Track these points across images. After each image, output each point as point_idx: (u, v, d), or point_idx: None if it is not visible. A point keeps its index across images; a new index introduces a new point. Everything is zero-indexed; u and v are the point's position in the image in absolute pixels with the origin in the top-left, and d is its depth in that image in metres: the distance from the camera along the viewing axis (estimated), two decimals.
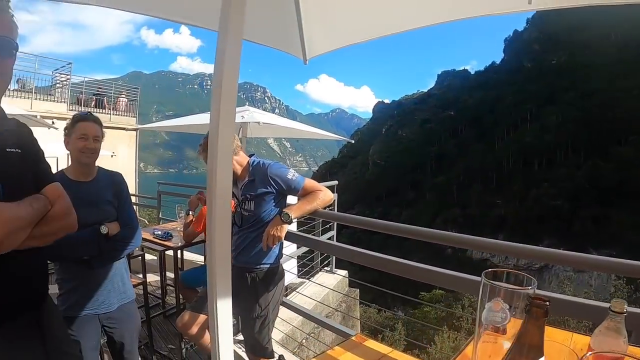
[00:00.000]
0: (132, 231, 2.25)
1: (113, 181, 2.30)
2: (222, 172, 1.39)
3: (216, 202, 1.40)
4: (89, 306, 2.14)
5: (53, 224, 1.34)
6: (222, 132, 1.35)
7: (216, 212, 1.41)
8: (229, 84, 1.34)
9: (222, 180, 1.39)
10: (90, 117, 2.21)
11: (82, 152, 2.13)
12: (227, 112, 1.36)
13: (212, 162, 1.38)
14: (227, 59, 1.33)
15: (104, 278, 2.19)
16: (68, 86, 17.95)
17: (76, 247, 2.00)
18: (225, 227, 1.43)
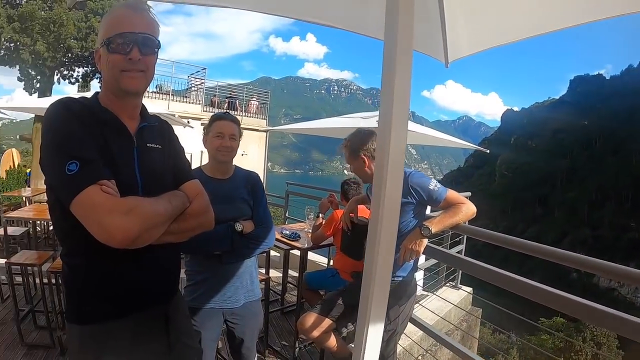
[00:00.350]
0: (266, 230, 2.28)
1: (249, 180, 2.35)
2: (392, 186, 1.31)
3: (383, 214, 1.32)
4: (215, 300, 2.21)
5: (191, 221, 1.38)
6: (393, 143, 1.28)
7: (382, 225, 1.33)
8: (401, 94, 1.28)
9: (391, 196, 1.32)
10: (228, 117, 2.28)
11: (218, 150, 2.20)
12: (399, 121, 1.28)
13: (380, 173, 1.32)
14: (399, 68, 1.27)
15: (233, 274, 2.25)
16: (202, 89, 19.78)
17: (210, 242, 2.06)
18: (390, 241, 1.37)
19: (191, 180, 1.51)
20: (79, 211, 1.13)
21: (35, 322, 3.95)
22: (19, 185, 12.21)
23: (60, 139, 1.19)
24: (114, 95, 1.35)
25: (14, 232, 5.73)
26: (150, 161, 1.40)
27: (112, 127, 1.32)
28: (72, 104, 1.27)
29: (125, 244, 1.13)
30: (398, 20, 1.23)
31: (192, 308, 2.15)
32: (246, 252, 2.25)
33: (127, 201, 1.17)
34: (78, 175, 1.12)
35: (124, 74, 1.29)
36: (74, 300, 1.35)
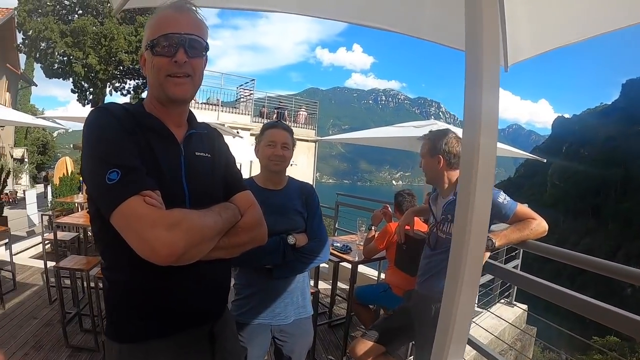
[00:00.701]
0: (320, 244, 2.19)
1: (303, 191, 2.28)
2: (480, 206, 1.17)
3: (470, 237, 1.20)
4: (264, 316, 2.14)
5: (242, 236, 1.30)
6: (482, 158, 1.13)
7: (469, 250, 1.21)
8: (489, 114, 1.14)
9: (479, 221, 1.17)
10: (280, 125, 2.23)
11: (270, 160, 2.15)
12: (488, 134, 1.14)
13: (466, 193, 1.19)
14: (486, 81, 1.14)
15: (284, 290, 2.17)
16: (251, 100, 20.16)
17: (260, 255, 1.99)
18: (476, 265, 1.25)
19: (243, 192, 1.44)
20: (119, 224, 1.07)
21: (81, 325, 4.09)
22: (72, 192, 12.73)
23: (100, 145, 1.13)
24: (159, 102, 1.30)
25: (64, 236, 5.95)
26: (199, 171, 1.34)
27: (158, 134, 1.26)
28: (114, 109, 1.22)
29: (170, 261, 1.05)
30: (482, 30, 1.12)
31: (239, 323, 2.08)
32: (298, 267, 2.15)
33: (172, 214, 1.09)
34: (119, 184, 1.06)
35: (170, 79, 1.23)
36: (113, 316, 1.29)
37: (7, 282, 5.19)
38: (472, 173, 1.09)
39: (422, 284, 2.55)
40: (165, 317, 1.25)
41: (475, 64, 1.11)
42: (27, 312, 4.51)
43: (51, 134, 42.05)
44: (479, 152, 1.08)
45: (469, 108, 1.13)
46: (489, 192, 1.15)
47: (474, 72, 1.11)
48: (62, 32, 19.40)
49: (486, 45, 1.11)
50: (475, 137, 1.08)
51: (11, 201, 16.44)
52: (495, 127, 1.12)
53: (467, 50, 1.15)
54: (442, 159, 2.46)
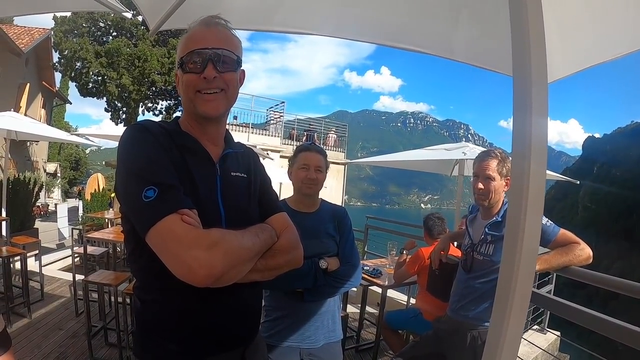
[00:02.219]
0: (352, 269, 2.16)
1: (335, 215, 2.27)
2: (530, 234, 1.08)
3: (519, 268, 1.07)
4: (293, 339, 2.12)
5: (278, 258, 1.26)
6: (532, 185, 1.07)
7: (517, 282, 1.07)
8: (539, 140, 1.08)
9: (529, 243, 1.07)
10: (313, 148, 2.23)
11: (303, 183, 2.15)
12: (538, 160, 1.08)
13: (515, 221, 1.09)
14: (535, 106, 1.08)
15: (315, 313, 2.14)
16: (281, 122, 20.40)
17: (292, 279, 1.90)
18: (525, 295, 1.09)
19: (279, 213, 1.42)
20: (155, 243, 1.05)
21: (106, 339, 4.14)
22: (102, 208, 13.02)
23: (137, 162, 1.12)
24: (193, 120, 1.30)
25: (94, 251, 6.06)
26: (235, 191, 1.32)
27: (194, 153, 1.25)
28: (151, 126, 1.22)
29: (208, 283, 1.02)
30: (530, 53, 1.08)
31: (267, 345, 2.04)
32: (330, 291, 2.13)
33: (211, 233, 1.06)
34: (156, 202, 1.04)
35: (199, 95, 1.22)
36: (143, 337, 1.27)
37: (35, 293, 5.30)
38: (522, 200, 1.03)
39: (457, 310, 2.49)
40: (197, 341, 1.23)
41: (524, 88, 1.08)
42: (53, 323, 4.59)
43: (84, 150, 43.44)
44: (529, 179, 1.03)
45: (518, 133, 1.08)
46: (539, 220, 1.10)
47: (522, 97, 1.08)
48: (96, 53, 20.19)
49: (535, 69, 1.07)
50: (526, 163, 1.03)
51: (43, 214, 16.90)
52: (545, 153, 1.09)
53: (514, 74, 1.09)
54: (508, 182, 2.37)
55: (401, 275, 3.79)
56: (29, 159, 19.51)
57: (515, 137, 1.10)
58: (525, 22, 1.07)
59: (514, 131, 1.12)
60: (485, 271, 2.37)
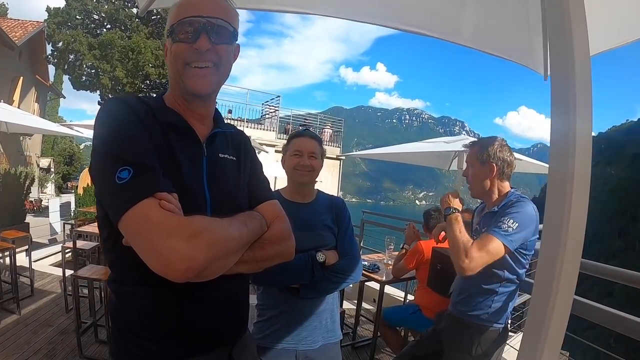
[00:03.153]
0: (352, 263, 2.01)
1: (333, 206, 2.13)
2: (574, 240, 0.97)
3: (560, 279, 0.93)
4: (289, 340, 1.95)
5: (268, 249, 1.15)
6: (576, 189, 0.93)
7: (558, 295, 0.93)
8: (583, 140, 0.91)
9: (572, 253, 0.96)
10: (306, 133, 2.10)
11: (296, 170, 2.01)
12: (583, 162, 0.93)
13: (556, 212, 0.96)
14: (579, 102, 0.90)
15: (312, 312, 1.99)
16: (277, 116, 20.36)
17: (286, 273, 1.85)
18: (564, 313, 0.96)
19: (270, 201, 1.30)
20: (129, 231, 0.93)
21: (96, 335, 4.03)
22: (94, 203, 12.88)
23: (111, 139, 1.00)
24: (180, 96, 1.18)
25: (84, 245, 5.92)
26: (222, 175, 1.21)
27: (178, 131, 1.13)
28: (130, 101, 1.10)
29: (188, 277, 0.90)
30: (573, 41, 0.90)
31: (261, 347, 1.92)
32: (328, 287, 1.97)
33: (193, 221, 0.94)
34: (130, 184, 0.92)
35: (189, 69, 1.11)
36: (119, 336, 1.15)
37: (25, 288, 5.20)
38: (565, 210, 0.90)
39: (455, 305, 2.40)
40: (178, 340, 1.11)
41: (566, 81, 0.91)
42: (43, 319, 4.48)
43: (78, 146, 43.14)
44: (572, 183, 0.90)
45: (557, 133, 0.94)
46: (583, 225, 0.96)
47: (565, 91, 0.91)
48: (90, 45, 19.96)
49: (578, 58, 0.89)
50: (569, 165, 0.90)
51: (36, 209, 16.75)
52: (589, 156, 0.92)
53: (552, 64, 0.96)
54: (495, 167, 2.26)
55: (399, 270, 3.71)
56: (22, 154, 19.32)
57: (554, 137, 0.95)
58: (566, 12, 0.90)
59: (552, 128, 0.96)
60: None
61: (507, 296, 2.23)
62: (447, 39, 2.16)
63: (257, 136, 17.77)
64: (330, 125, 22.54)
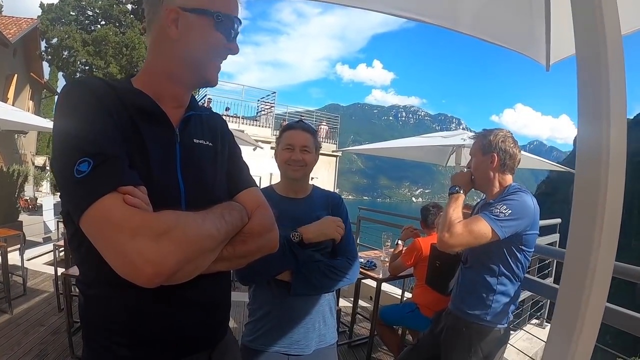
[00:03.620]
0: (349, 263, 1.91)
1: (329, 201, 2.03)
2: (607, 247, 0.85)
3: (592, 290, 0.82)
4: (281, 343, 1.84)
5: (250, 243, 1.05)
6: (611, 178, 0.80)
7: (589, 304, 0.82)
8: (617, 148, 0.79)
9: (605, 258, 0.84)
10: (299, 125, 1.98)
11: (287, 164, 1.91)
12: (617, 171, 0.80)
13: (582, 210, 0.86)
14: (613, 105, 0.77)
15: (305, 312, 1.87)
16: (272, 113, 20.31)
17: (267, 264, 1.61)
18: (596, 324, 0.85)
19: (250, 188, 1.19)
20: (90, 231, 0.83)
21: None
22: None
23: (69, 128, 0.88)
24: (165, 77, 1.06)
25: None
26: (198, 162, 1.10)
27: (147, 115, 1.01)
28: (92, 83, 0.97)
29: (157, 282, 0.82)
30: (606, 33, 0.78)
31: (251, 350, 1.84)
32: (322, 283, 1.84)
33: (160, 218, 0.85)
34: (90, 178, 0.82)
35: (214, 63, 1.08)
36: (89, 341, 1.04)
37: (18, 287, 5.13)
38: (597, 224, 0.80)
39: (455, 303, 2.36)
40: (154, 345, 1.02)
41: (597, 83, 0.78)
42: (35, 318, 4.41)
43: None
44: (605, 193, 0.79)
45: (586, 141, 0.83)
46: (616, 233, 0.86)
47: (595, 90, 0.79)
48: (84, 41, 19.84)
49: (610, 47, 0.77)
50: (602, 175, 0.79)
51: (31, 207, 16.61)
52: (623, 164, 0.81)
53: (578, 55, 0.83)
54: (497, 157, 2.22)
55: (397, 267, 3.65)
56: (16, 152, 19.18)
57: (581, 145, 0.84)
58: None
59: (579, 132, 0.84)
60: (473, 258, 2.25)
61: (507, 297, 2.16)
62: (447, 27, 2.09)
63: (253, 133, 17.74)
64: (327, 122, 22.48)
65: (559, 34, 1.92)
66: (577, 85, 0.81)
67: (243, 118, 19.30)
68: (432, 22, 2.04)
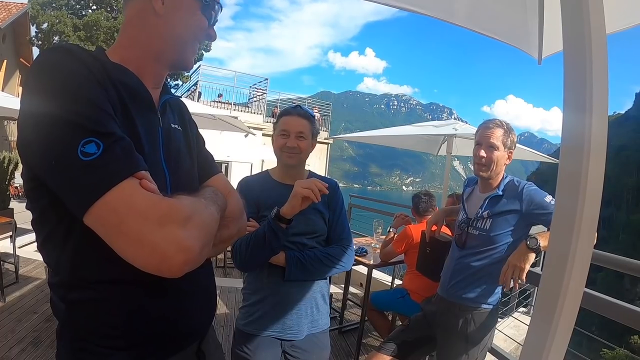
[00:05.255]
0: (343, 249, 1.92)
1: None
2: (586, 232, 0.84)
3: (571, 277, 0.83)
4: (274, 328, 1.87)
5: (232, 227, 1.04)
6: (592, 168, 0.85)
7: (568, 292, 0.84)
8: (598, 138, 0.84)
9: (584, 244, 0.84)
10: (295, 111, 1.95)
11: (282, 151, 1.90)
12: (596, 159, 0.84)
13: (565, 205, 0.88)
14: (596, 97, 0.81)
15: (298, 298, 1.90)
16: (264, 100, 20.08)
17: (256, 249, 1.73)
18: (573, 310, 0.86)
19: (219, 174, 1.20)
20: (105, 222, 0.73)
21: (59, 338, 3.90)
22: None
23: (64, 100, 0.75)
24: (153, 56, 1.00)
25: None
26: (177, 148, 1.06)
27: (135, 95, 0.93)
28: (80, 53, 0.84)
29: (187, 269, 0.76)
30: (591, 29, 0.81)
31: (245, 334, 1.87)
32: (316, 268, 1.86)
33: (184, 204, 0.79)
34: (102, 161, 0.72)
35: (194, 44, 1.04)
36: (75, 352, 0.93)
37: (10, 275, 5.08)
38: (578, 206, 0.82)
39: (448, 289, 2.37)
40: (152, 343, 0.96)
41: (581, 75, 0.82)
42: (28, 306, 4.39)
43: None
44: (586, 182, 0.83)
45: (570, 126, 0.86)
46: (595, 220, 0.87)
47: (579, 85, 0.83)
48: (74, 26, 19.51)
49: (595, 45, 0.81)
50: (584, 162, 0.83)
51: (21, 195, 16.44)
52: (603, 154, 0.85)
53: (565, 52, 0.85)
54: (511, 155, 2.31)
55: (388, 253, 3.67)
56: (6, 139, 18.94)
57: (566, 130, 0.86)
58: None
59: (564, 122, 0.87)
60: (481, 248, 2.26)
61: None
62: (440, 18, 2.07)
63: (245, 119, 17.63)
64: (318, 109, 22.36)
65: (551, 29, 1.92)
66: (563, 80, 0.83)
67: (235, 104, 19.13)
68: (427, 13, 2.02)
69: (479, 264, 2.24)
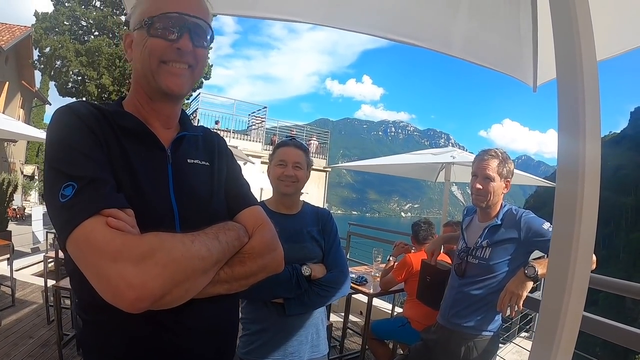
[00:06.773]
0: (340, 276, 1.95)
1: (319, 217, 2.08)
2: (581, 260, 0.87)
3: (569, 304, 0.85)
4: (275, 355, 1.88)
5: (250, 264, 1.01)
6: (587, 190, 0.88)
7: (566, 321, 0.86)
8: (592, 163, 0.89)
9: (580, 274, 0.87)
10: (291, 143, 2.05)
11: (280, 180, 1.95)
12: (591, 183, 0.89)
13: (563, 227, 0.91)
14: (589, 122, 0.86)
15: (299, 326, 1.91)
16: (263, 128, 20.27)
17: (270, 288, 1.77)
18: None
19: (251, 207, 1.15)
20: (74, 256, 0.82)
21: (78, 348, 3.88)
22: None
23: (56, 153, 0.88)
24: (145, 96, 1.07)
25: None
26: (192, 183, 1.07)
27: (136, 136, 1.01)
28: (79, 108, 0.96)
29: (141, 307, 0.79)
30: (582, 55, 0.86)
31: None
32: (316, 302, 1.88)
33: (143, 240, 0.82)
34: (73, 202, 0.81)
35: (164, 67, 1.01)
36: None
37: (6, 298, 5.08)
38: (575, 229, 0.85)
39: (448, 317, 2.38)
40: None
41: (574, 102, 0.86)
42: (24, 330, 4.36)
43: None
44: (582, 204, 0.86)
45: (565, 150, 0.90)
46: (591, 246, 0.91)
47: (573, 110, 0.87)
48: (77, 51, 19.73)
49: (587, 73, 0.85)
50: (579, 186, 0.87)
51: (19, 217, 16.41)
52: (598, 177, 0.90)
53: (559, 79, 0.90)
54: (508, 184, 2.35)
55: (388, 282, 3.67)
56: (5, 160, 19.02)
57: (562, 154, 0.90)
58: (573, 15, 0.86)
59: (559, 148, 0.90)
60: (480, 277, 2.28)
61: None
62: (437, 50, 2.16)
63: (243, 147, 17.72)
64: (317, 137, 22.52)
65: (545, 59, 1.98)
66: (557, 106, 0.88)
67: (234, 132, 19.28)
68: (424, 46, 2.09)
69: (479, 292, 2.26)
